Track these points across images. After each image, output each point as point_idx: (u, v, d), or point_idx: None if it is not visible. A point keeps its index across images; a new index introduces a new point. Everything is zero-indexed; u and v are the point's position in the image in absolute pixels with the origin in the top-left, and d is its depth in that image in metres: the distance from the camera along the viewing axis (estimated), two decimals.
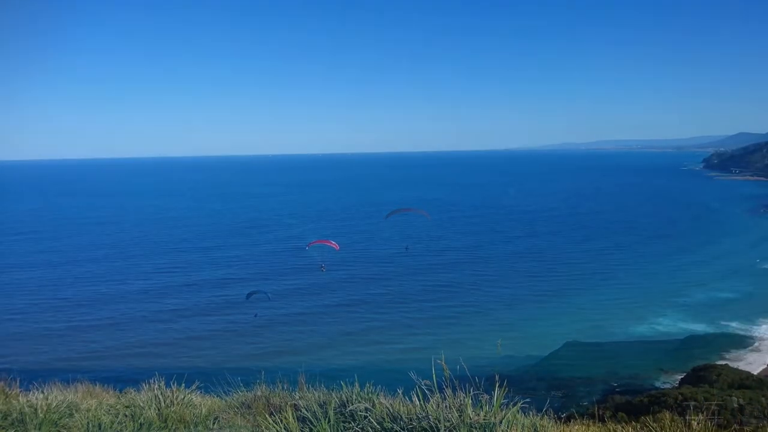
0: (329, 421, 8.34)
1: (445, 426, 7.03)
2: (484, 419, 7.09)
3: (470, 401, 7.34)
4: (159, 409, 10.16)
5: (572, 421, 10.02)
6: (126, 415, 10.19)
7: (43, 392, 11.48)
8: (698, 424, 7.41)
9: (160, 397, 10.47)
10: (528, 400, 8.06)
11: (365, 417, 8.14)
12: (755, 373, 67.96)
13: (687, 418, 7.50)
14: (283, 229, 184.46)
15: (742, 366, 71.00)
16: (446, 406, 7.35)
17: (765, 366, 74.62)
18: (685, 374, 68.97)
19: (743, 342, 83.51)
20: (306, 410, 8.83)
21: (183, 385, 11.09)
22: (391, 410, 8.03)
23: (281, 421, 8.85)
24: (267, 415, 9.43)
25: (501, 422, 7.10)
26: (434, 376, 7.80)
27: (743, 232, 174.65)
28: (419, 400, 7.85)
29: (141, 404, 10.40)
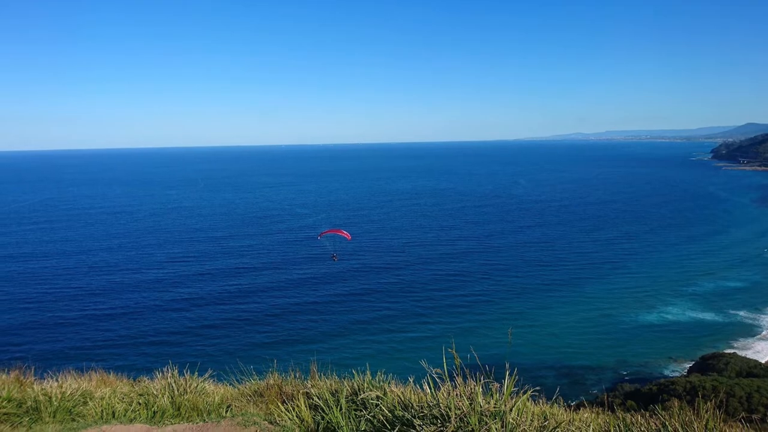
0: (341, 409, 8.42)
1: (455, 414, 7.07)
2: (494, 407, 7.13)
3: (481, 389, 7.38)
4: (172, 397, 10.26)
5: (582, 409, 10.04)
6: (139, 403, 10.32)
7: (57, 380, 11.60)
8: (707, 412, 7.40)
9: (174, 385, 10.56)
10: (538, 388, 8.10)
11: (376, 405, 8.22)
12: (763, 361, 67.84)
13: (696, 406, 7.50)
14: (295, 218, 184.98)
15: (750, 354, 71.01)
16: (457, 394, 7.39)
17: None
18: (693, 362, 69.18)
19: (751, 330, 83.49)
20: (318, 398, 8.93)
21: (196, 373, 11.20)
22: (402, 398, 8.09)
23: (293, 409, 8.95)
24: (279, 403, 9.54)
25: (511, 410, 7.14)
26: (445, 364, 7.83)
27: (751, 221, 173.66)
28: (430, 389, 7.89)
29: (154, 392, 10.50)
